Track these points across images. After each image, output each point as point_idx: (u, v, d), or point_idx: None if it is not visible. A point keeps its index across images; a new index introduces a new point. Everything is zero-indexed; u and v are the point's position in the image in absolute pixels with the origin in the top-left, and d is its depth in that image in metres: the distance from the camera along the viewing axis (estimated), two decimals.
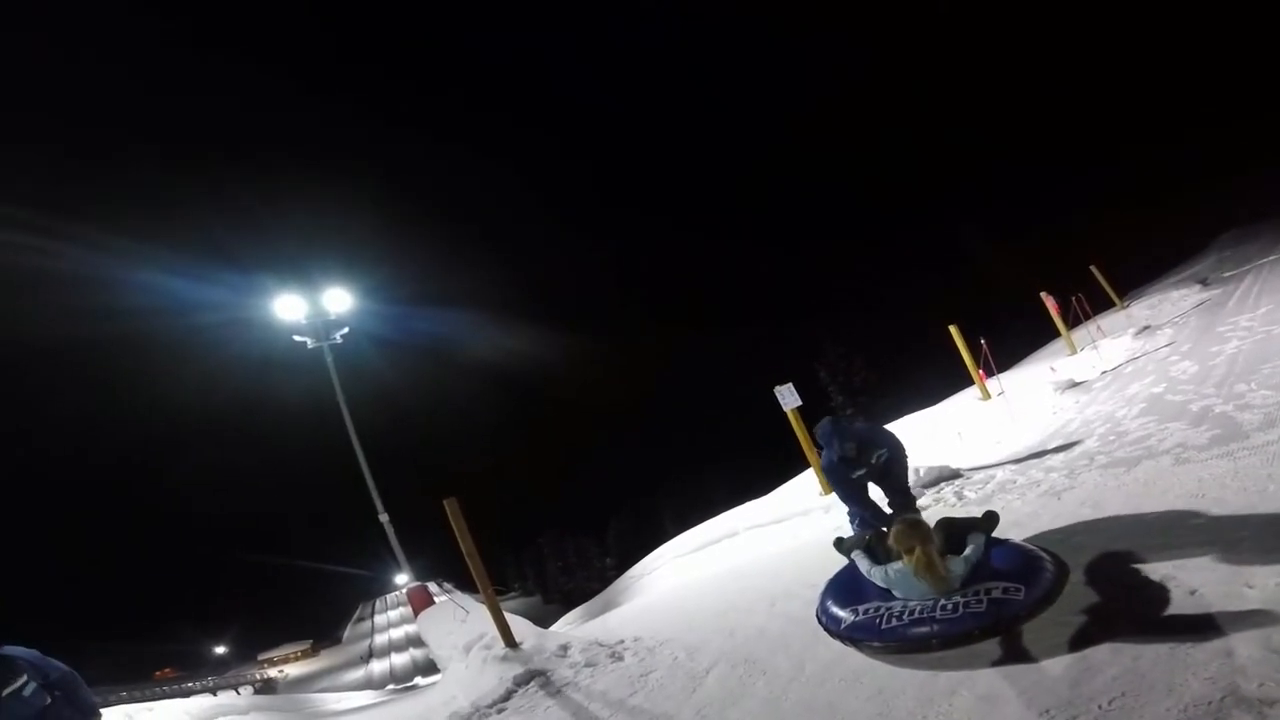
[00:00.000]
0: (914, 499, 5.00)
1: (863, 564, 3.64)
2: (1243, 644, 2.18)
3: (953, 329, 10.73)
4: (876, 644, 3.13)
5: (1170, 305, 12.76)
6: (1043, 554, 3.28)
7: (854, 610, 3.36)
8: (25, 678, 3.37)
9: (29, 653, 3.50)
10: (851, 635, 3.28)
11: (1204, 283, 13.48)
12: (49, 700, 3.42)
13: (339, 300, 15.95)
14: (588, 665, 4.90)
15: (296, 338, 15.54)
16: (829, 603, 3.61)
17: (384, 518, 14.80)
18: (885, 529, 3.94)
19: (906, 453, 4.99)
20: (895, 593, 3.32)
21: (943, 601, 3.04)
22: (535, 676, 4.95)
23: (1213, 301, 11.24)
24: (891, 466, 4.85)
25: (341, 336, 15.89)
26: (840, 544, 4.24)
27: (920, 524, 3.46)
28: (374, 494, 14.70)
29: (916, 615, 3.05)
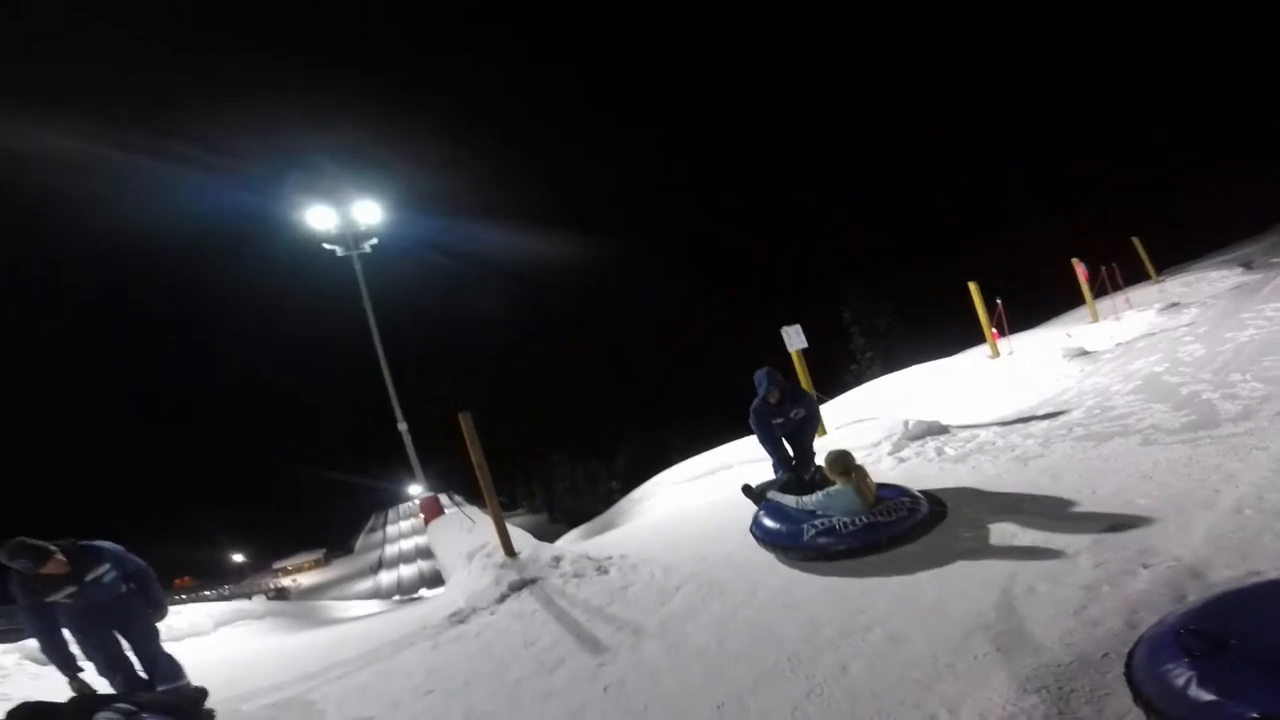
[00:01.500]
0: (814, 457, 5.83)
1: (787, 500, 4.66)
2: (1111, 616, 2.50)
3: (971, 286, 10.69)
4: (796, 552, 4.26)
5: (1206, 285, 12.40)
6: (916, 493, 4.42)
7: (780, 525, 4.49)
8: (108, 566, 3.87)
9: (114, 546, 3.97)
10: (775, 543, 4.44)
11: (1248, 265, 13.00)
12: (124, 589, 3.95)
13: (369, 211, 16.21)
14: (576, 576, 5.46)
15: (326, 245, 15.95)
16: (763, 519, 4.71)
17: (402, 427, 15.60)
18: (788, 475, 5.36)
19: (820, 420, 6.16)
20: (825, 513, 4.28)
21: (861, 516, 4.12)
22: (528, 584, 5.51)
23: (1249, 286, 10.93)
24: (804, 425, 5.73)
25: (370, 247, 16.25)
26: (749, 490, 5.39)
27: (847, 453, 4.53)
28: (394, 403, 15.46)
29: (835, 528, 4.15)
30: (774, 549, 4.47)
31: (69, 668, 3.76)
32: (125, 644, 4.04)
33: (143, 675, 4.03)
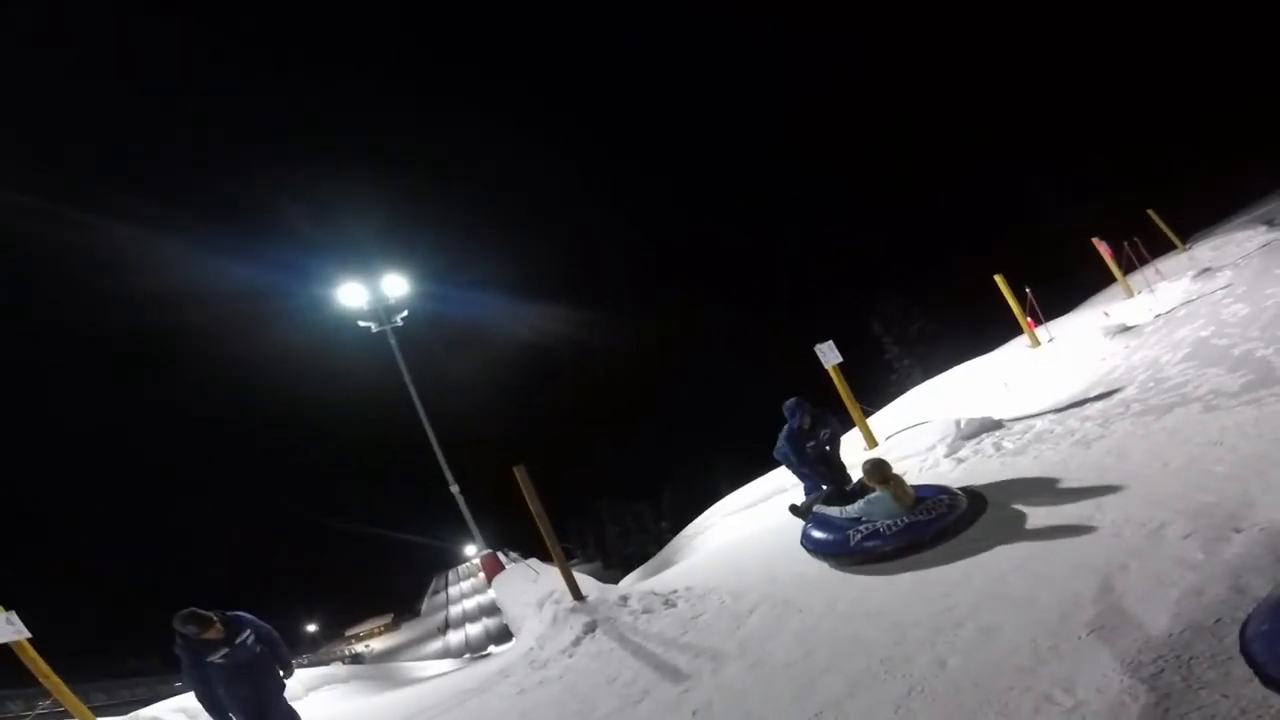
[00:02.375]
0: (846, 470, 6.41)
1: (831, 511, 4.85)
2: (1213, 583, 2.45)
3: (998, 278, 10.62)
4: (845, 557, 4.47)
5: (1234, 247, 12.16)
6: (956, 490, 4.62)
7: (829, 534, 4.71)
8: (249, 631, 4.53)
9: (251, 616, 4.68)
10: (826, 551, 4.66)
11: (1271, 223, 12.75)
12: (259, 650, 4.58)
13: (397, 285, 16.81)
14: (645, 612, 5.46)
15: (361, 323, 16.53)
16: (811, 532, 4.96)
17: (455, 488, 15.82)
18: (831, 488, 5.65)
19: (842, 436, 6.87)
20: (868, 519, 4.46)
21: (902, 518, 4.30)
22: (600, 624, 5.54)
23: (1278, 243, 10.69)
24: (833, 443, 6.38)
25: (401, 319, 16.80)
26: (795, 509, 5.70)
27: (884, 461, 4.77)
28: (444, 466, 15.71)
29: (879, 531, 4.34)
30: (825, 557, 4.74)
31: (223, 715, 4.45)
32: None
33: None
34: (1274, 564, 2.45)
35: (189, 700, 6.74)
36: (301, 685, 8.36)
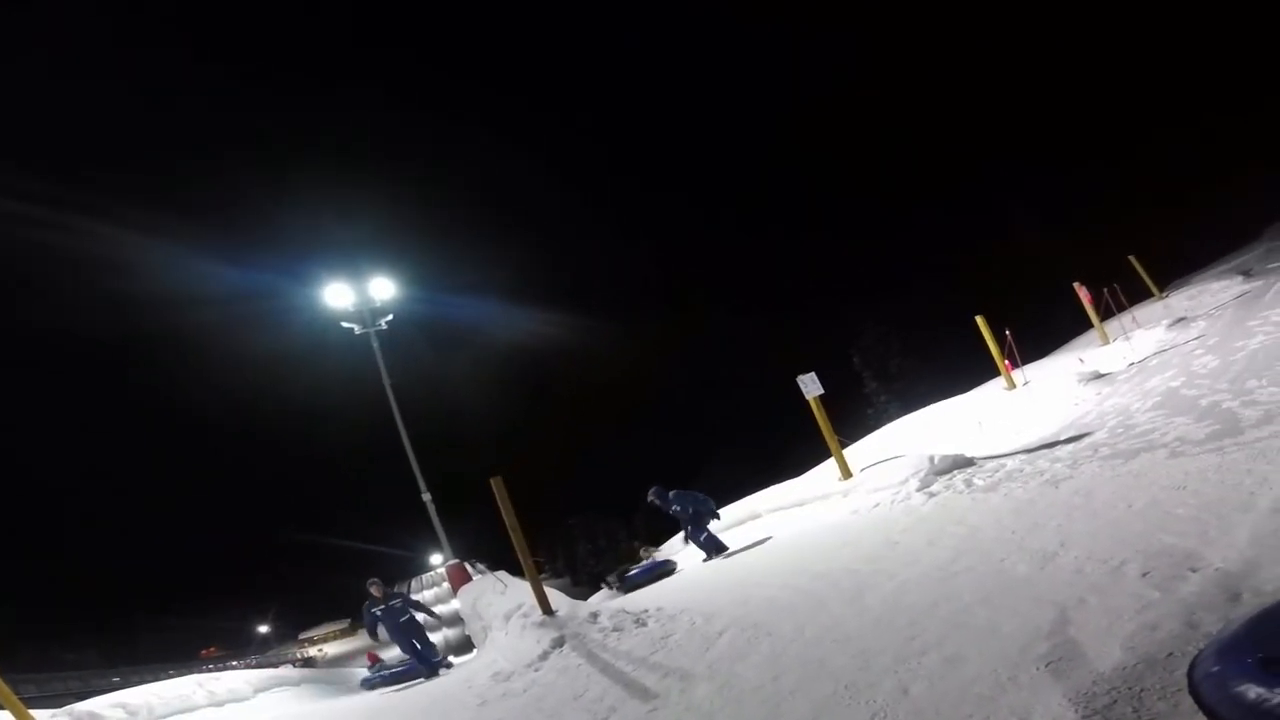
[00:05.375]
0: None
1: None
2: (1168, 619, 2.53)
3: (979, 320, 10.87)
4: None
5: (1210, 296, 12.58)
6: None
7: None
8: (400, 598, 8.87)
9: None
10: None
11: (1247, 274, 13.21)
12: (408, 615, 8.49)
13: (383, 288, 16.72)
14: (615, 630, 5.43)
15: (344, 324, 16.38)
16: None
17: (426, 497, 15.57)
18: None
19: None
20: None
21: None
22: (569, 639, 5.49)
23: (1252, 294, 11.08)
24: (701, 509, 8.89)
25: (386, 323, 16.68)
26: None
27: None
28: (417, 474, 15.51)
29: None
30: None
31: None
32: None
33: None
34: (1226, 602, 2.53)
35: (129, 695, 6.57)
36: (249, 685, 8.13)
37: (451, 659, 9.23)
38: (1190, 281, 15.93)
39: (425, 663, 8.49)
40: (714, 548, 8.63)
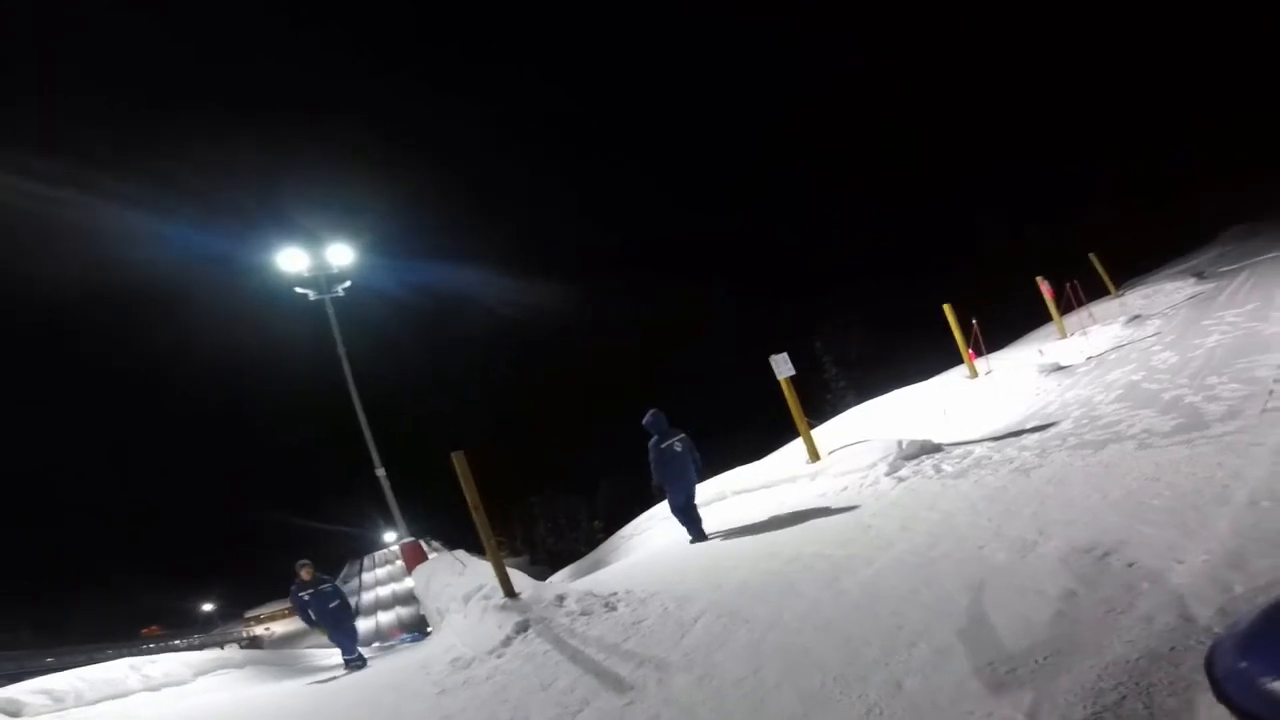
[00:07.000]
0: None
1: None
2: (1162, 611, 2.48)
3: (946, 308, 10.98)
4: None
5: (1163, 297, 13.01)
6: None
7: None
8: (330, 583, 8.56)
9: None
10: None
11: (1200, 276, 13.71)
12: (338, 600, 8.43)
13: (341, 254, 16.00)
14: (583, 614, 5.24)
15: (299, 290, 15.63)
16: None
17: (380, 472, 15.10)
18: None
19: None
20: None
21: None
22: (533, 624, 5.29)
23: (1204, 295, 11.49)
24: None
25: (343, 290, 15.99)
26: None
27: None
28: (372, 448, 15.01)
29: None
30: None
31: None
32: None
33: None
34: (1218, 594, 2.50)
35: (55, 681, 6.14)
36: (188, 668, 7.70)
37: (368, 658, 8.66)
38: (1145, 281, 16.50)
39: (346, 652, 8.25)
40: (694, 528, 7.35)
